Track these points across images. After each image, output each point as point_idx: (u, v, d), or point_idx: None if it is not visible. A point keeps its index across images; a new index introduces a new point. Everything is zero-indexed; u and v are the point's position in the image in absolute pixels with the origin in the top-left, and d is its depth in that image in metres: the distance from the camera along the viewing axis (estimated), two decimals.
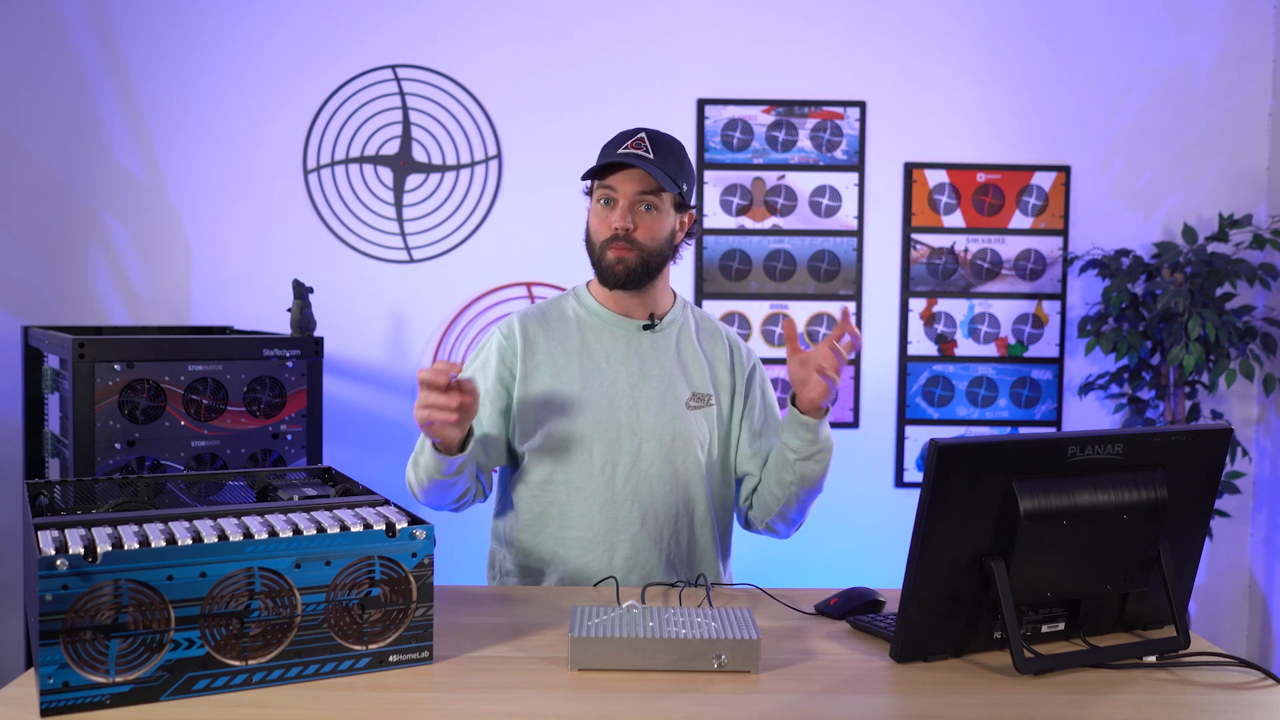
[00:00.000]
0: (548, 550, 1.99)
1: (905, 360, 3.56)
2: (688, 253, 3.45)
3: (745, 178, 3.50)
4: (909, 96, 3.50)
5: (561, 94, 3.44)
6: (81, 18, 3.35)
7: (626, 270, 1.94)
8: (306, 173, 3.42)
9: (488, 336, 2.06)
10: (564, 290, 2.18)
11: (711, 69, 3.47)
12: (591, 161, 1.99)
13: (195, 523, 1.39)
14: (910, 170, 3.52)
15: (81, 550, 1.25)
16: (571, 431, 1.95)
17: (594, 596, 1.82)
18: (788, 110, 3.49)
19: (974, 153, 3.53)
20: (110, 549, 1.26)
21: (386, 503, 1.56)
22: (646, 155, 1.91)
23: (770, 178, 3.50)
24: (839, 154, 3.51)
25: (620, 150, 1.92)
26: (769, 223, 3.51)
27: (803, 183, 3.51)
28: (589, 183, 1.99)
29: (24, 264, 3.37)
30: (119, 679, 1.28)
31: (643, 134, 1.94)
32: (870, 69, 3.50)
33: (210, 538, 1.32)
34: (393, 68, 3.42)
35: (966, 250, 3.54)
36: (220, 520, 1.40)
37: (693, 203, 2.02)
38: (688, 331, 2.06)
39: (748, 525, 2.12)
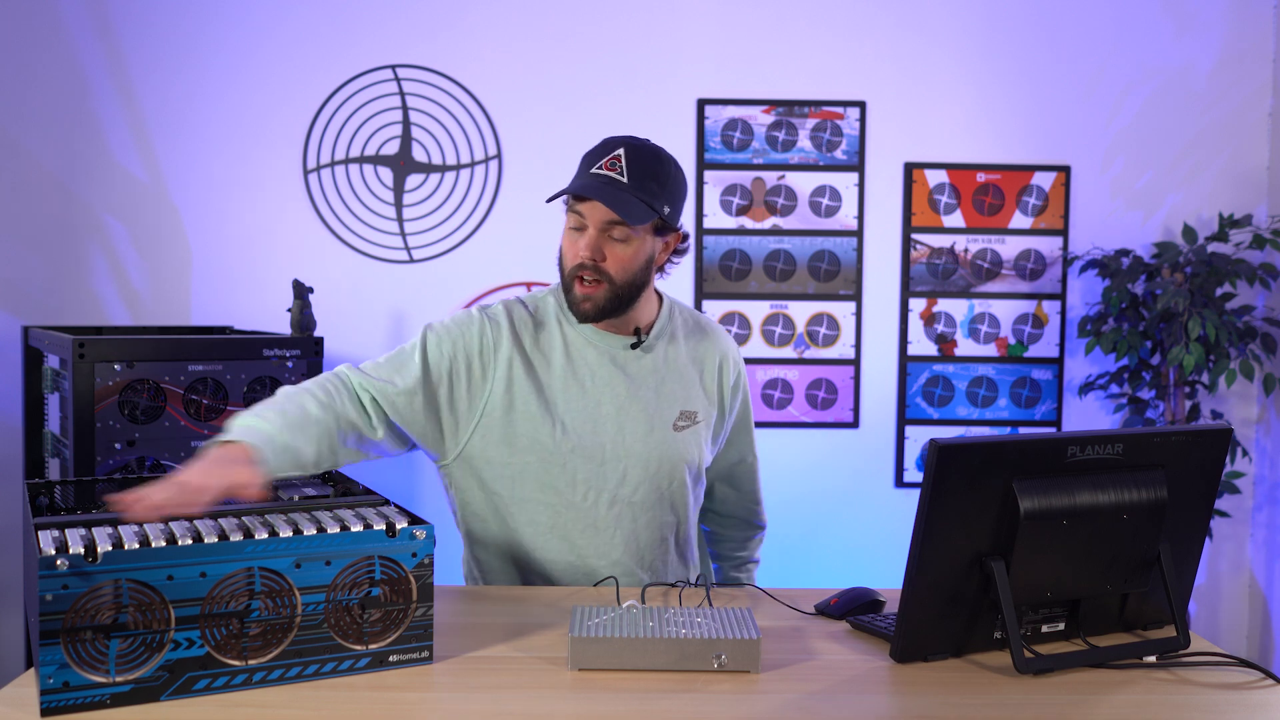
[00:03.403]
0: (531, 570, 1.90)
1: (905, 360, 3.56)
2: (688, 253, 3.48)
3: (745, 178, 3.50)
4: (909, 96, 3.51)
5: (561, 94, 3.44)
6: (81, 18, 3.35)
7: (594, 308, 1.80)
8: (306, 173, 3.42)
9: (472, 317, 1.87)
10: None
11: (711, 69, 3.47)
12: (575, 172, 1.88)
13: (195, 522, 1.39)
14: (910, 170, 3.52)
15: (82, 550, 1.25)
16: (554, 454, 1.82)
17: (594, 596, 1.81)
18: (788, 110, 3.49)
19: (974, 153, 3.53)
20: (110, 549, 1.26)
21: (386, 503, 1.56)
22: (619, 179, 1.75)
23: (770, 178, 3.50)
24: (839, 154, 3.51)
25: (594, 171, 1.77)
26: (769, 223, 3.51)
27: (803, 183, 3.51)
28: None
29: (24, 264, 3.37)
30: (119, 679, 1.28)
31: (620, 151, 1.77)
32: (870, 69, 3.50)
33: (210, 537, 1.32)
34: (393, 68, 3.42)
35: (966, 250, 3.54)
36: (220, 520, 1.40)
37: (680, 224, 1.87)
38: (676, 342, 1.95)
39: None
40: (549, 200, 1.83)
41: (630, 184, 1.75)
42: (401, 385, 1.79)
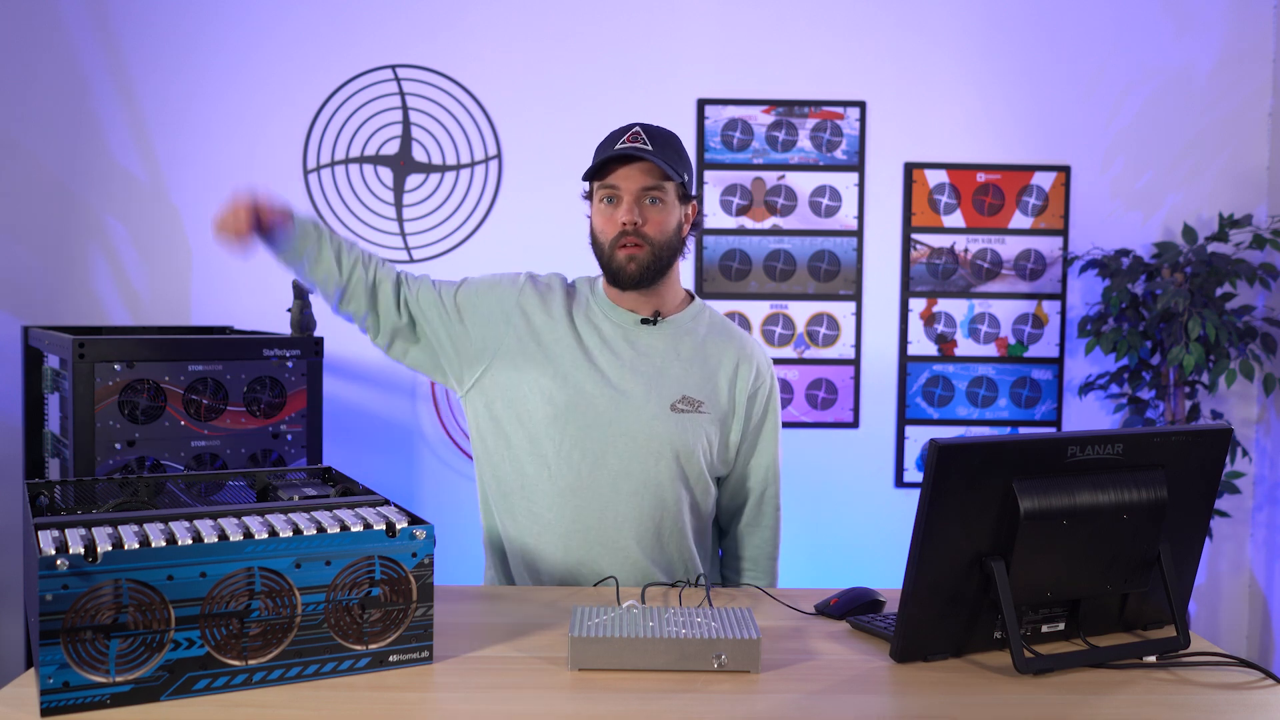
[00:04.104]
0: (513, 527, 1.96)
1: (905, 360, 3.56)
2: (688, 253, 3.48)
3: (745, 178, 3.50)
4: (909, 96, 3.50)
5: (561, 94, 3.44)
6: (81, 18, 3.35)
7: (639, 268, 1.90)
8: (306, 173, 3.42)
9: (505, 274, 2.04)
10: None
11: (711, 69, 3.47)
12: (591, 162, 1.98)
13: (195, 523, 1.39)
14: (910, 170, 3.52)
15: (82, 550, 1.25)
16: (548, 411, 1.91)
17: (594, 596, 1.81)
18: (788, 110, 3.49)
19: (974, 153, 3.53)
20: (110, 549, 1.26)
21: (386, 503, 1.56)
22: (645, 147, 1.88)
23: (770, 178, 3.50)
24: (839, 154, 3.51)
25: (618, 146, 1.89)
26: (769, 223, 3.51)
27: (803, 183, 3.51)
28: (587, 185, 1.96)
29: (24, 264, 3.37)
30: (119, 679, 1.28)
31: (638, 128, 1.91)
32: (870, 69, 3.50)
33: (210, 538, 1.32)
34: (393, 68, 3.42)
35: (966, 250, 3.54)
36: (220, 520, 1.40)
37: (694, 192, 1.99)
38: (694, 334, 2.00)
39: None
40: (589, 175, 1.92)
41: (655, 151, 1.88)
42: (428, 294, 2.01)
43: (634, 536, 1.91)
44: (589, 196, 1.96)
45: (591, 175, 1.93)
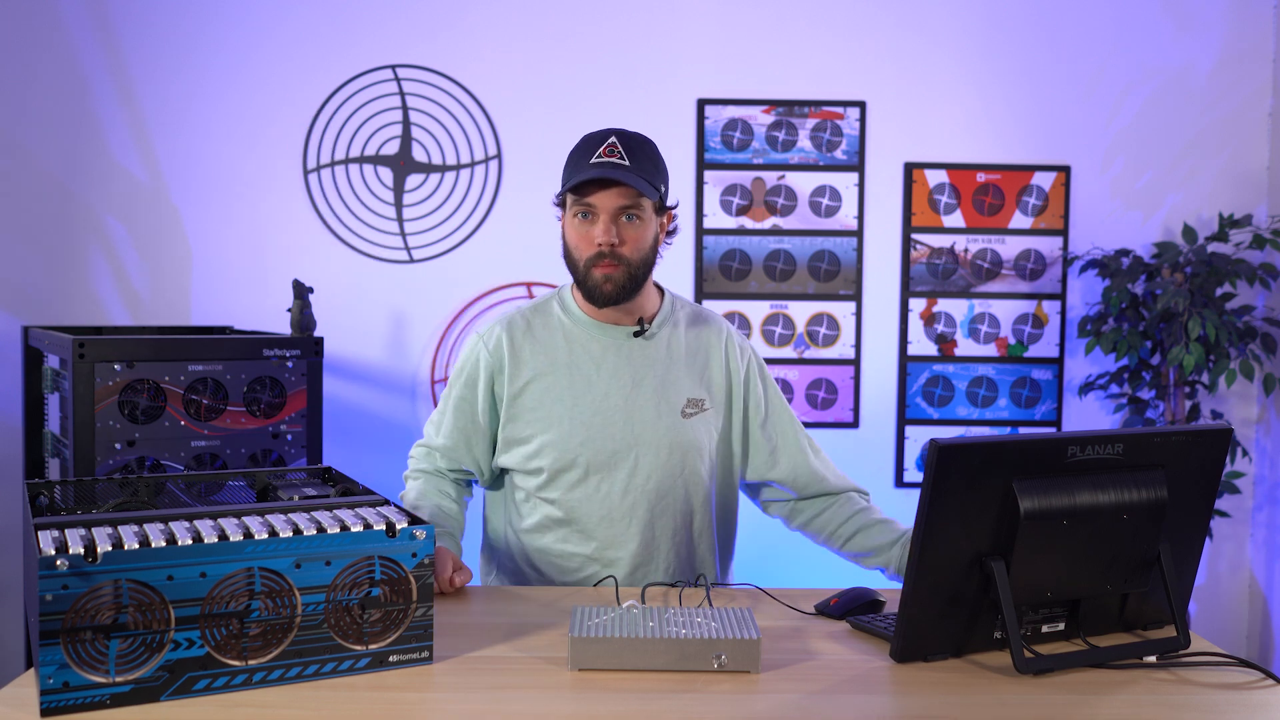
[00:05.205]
0: (547, 560, 1.95)
1: (905, 360, 3.56)
2: (688, 253, 3.49)
3: (745, 178, 3.50)
4: (909, 96, 3.50)
5: (561, 94, 3.44)
6: (81, 18, 3.35)
7: (615, 288, 1.85)
8: (306, 173, 3.42)
9: (471, 345, 1.99)
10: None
11: (711, 69, 3.47)
12: (565, 167, 1.91)
13: (195, 523, 1.39)
14: (910, 170, 3.52)
15: (81, 550, 1.25)
16: (564, 451, 1.89)
17: (594, 596, 1.81)
18: (788, 110, 3.49)
19: (974, 153, 3.53)
20: (110, 549, 1.26)
21: (386, 503, 1.56)
22: (622, 163, 1.82)
23: (770, 178, 3.50)
24: (839, 154, 3.51)
25: (594, 161, 1.83)
26: (769, 223, 3.51)
27: (803, 183, 3.51)
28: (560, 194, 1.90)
29: (24, 264, 3.37)
30: (119, 679, 1.28)
31: (614, 139, 1.84)
32: (870, 69, 3.50)
33: (210, 538, 1.32)
34: (393, 68, 3.42)
35: (966, 250, 3.54)
36: (220, 520, 1.40)
37: (670, 202, 1.93)
38: (679, 331, 1.98)
39: (766, 510, 2.12)
40: (563, 192, 1.88)
41: (633, 166, 1.83)
42: (447, 442, 2.02)
43: (670, 548, 1.94)
44: (561, 204, 1.91)
45: (567, 192, 1.87)
